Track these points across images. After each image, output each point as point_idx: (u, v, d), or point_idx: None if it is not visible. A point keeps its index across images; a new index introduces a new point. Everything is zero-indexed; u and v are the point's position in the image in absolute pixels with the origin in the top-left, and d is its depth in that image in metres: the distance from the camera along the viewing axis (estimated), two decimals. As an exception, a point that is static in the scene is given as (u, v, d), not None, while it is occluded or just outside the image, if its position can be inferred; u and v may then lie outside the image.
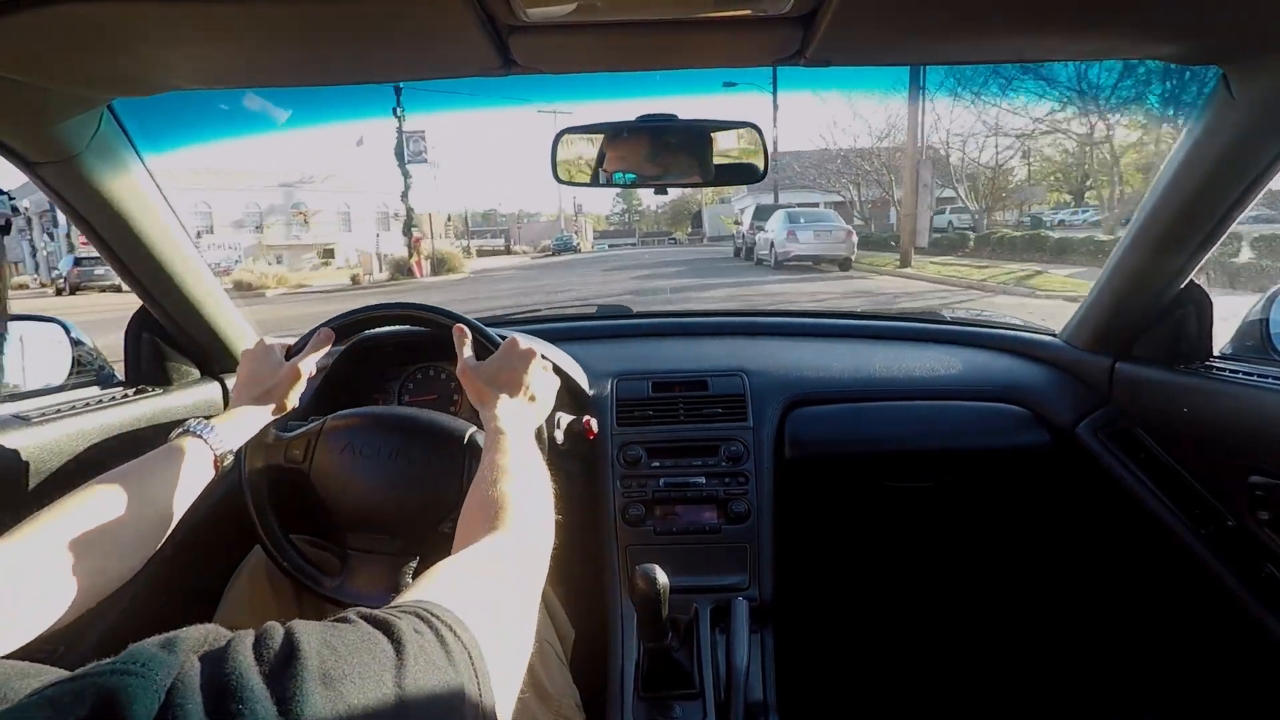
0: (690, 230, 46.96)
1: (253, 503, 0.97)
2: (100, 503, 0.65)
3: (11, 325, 0.67)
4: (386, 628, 0.36)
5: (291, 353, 0.93)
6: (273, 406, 0.88)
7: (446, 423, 0.97)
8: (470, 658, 0.38)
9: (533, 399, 0.83)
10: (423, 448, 0.95)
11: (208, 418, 0.80)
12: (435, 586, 0.45)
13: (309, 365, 0.91)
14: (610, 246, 42.41)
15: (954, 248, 16.62)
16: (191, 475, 0.74)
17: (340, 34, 0.75)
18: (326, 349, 0.94)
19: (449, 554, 0.91)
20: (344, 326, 1.00)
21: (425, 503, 0.93)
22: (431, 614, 0.39)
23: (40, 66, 0.75)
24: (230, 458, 0.80)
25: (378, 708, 0.33)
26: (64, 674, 0.30)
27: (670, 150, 1.04)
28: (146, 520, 0.67)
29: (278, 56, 0.82)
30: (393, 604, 0.40)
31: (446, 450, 0.94)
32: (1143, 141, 15.63)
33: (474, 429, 0.95)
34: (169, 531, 0.70)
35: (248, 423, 0.84)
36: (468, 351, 0.86)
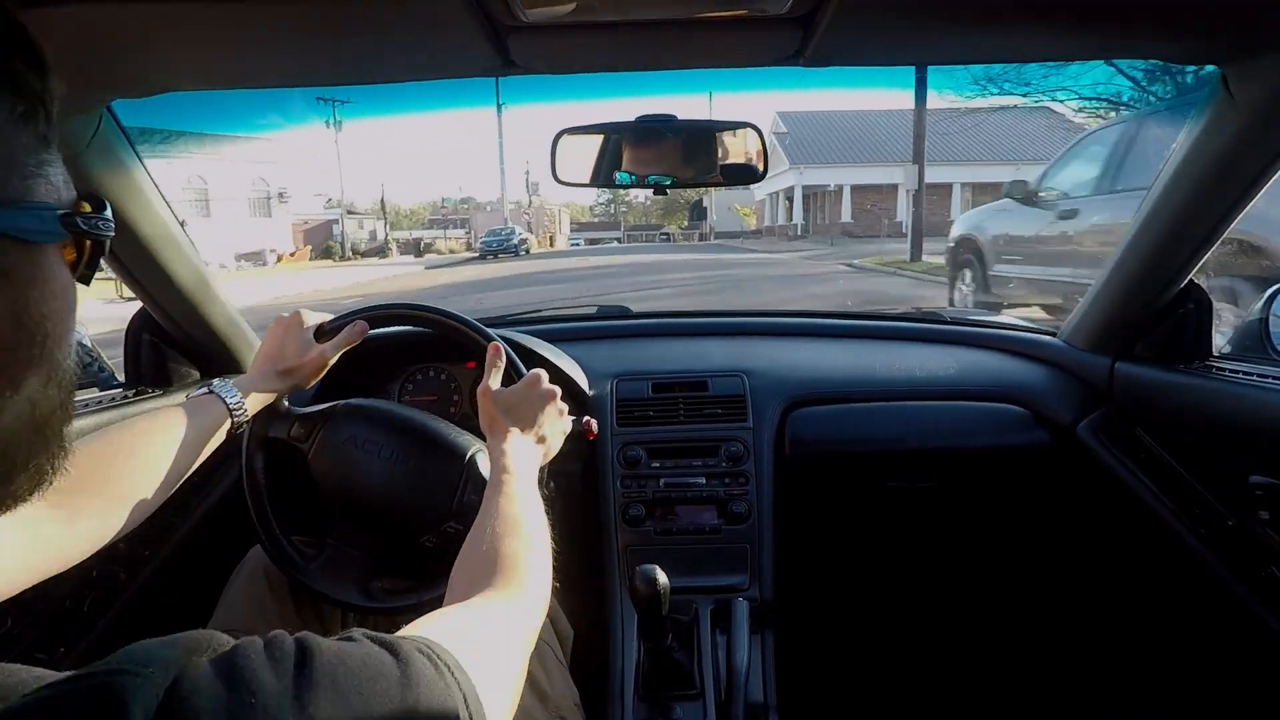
0: (686, 223, 41.03)
1: (246, 466, 0.96)
2: (114, 443, 0.67)
3: None
4: (391, 648, 0.37)
5: (321, 333, 0.93)
6: (291, 387, 0.89)
7: (451, 436, 0.96)
8: (465, 698, 0.39)
9: (542, 440, 0.83)
10: (422, 455, 0.94)
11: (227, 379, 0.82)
12: (435, 628, 0.45)
13: (336, 356, 0.91)
14: (587, 242, 37.79)
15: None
16: (206, 435, 0.76)
17: (339, 35, 0.75)
18: (357, 343, 0.94)
19: (424, 569, 0.91)
20: (378, 319, 0.99)
21: (412, 510, 0.93)
22: (432, 650, 0.39)
23: None
24: (245, 426, 0.81)
25: (384, 712, 0.34)
26: (59, 675, 0.30)
27: (670, 150, 1.04)
28: (155, 470, 0.69)
29: (277, 57, 0.82)
30: (396, 634, 0.41)
31: (446, 464, 0.93)
32: None
33: (476, 448, 0.95)
34: (173, 489, 0.72)
35: (264, 397, 0.86)
36: (497, 377, 0.85)
